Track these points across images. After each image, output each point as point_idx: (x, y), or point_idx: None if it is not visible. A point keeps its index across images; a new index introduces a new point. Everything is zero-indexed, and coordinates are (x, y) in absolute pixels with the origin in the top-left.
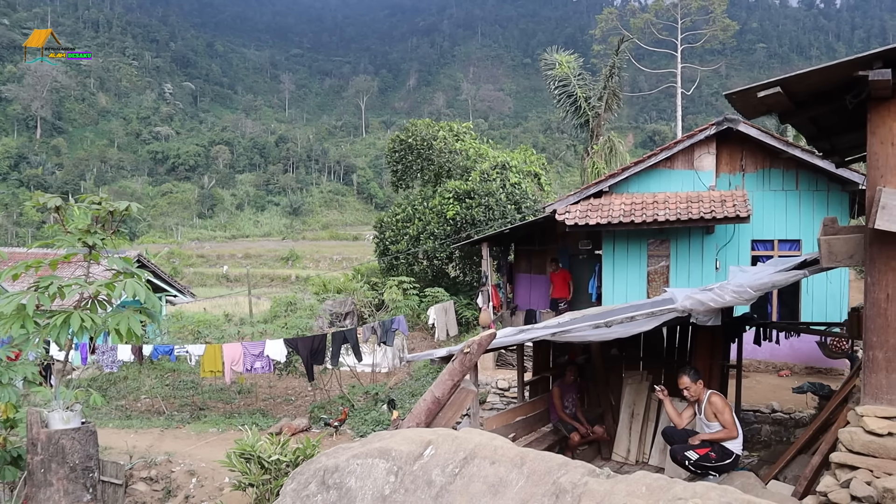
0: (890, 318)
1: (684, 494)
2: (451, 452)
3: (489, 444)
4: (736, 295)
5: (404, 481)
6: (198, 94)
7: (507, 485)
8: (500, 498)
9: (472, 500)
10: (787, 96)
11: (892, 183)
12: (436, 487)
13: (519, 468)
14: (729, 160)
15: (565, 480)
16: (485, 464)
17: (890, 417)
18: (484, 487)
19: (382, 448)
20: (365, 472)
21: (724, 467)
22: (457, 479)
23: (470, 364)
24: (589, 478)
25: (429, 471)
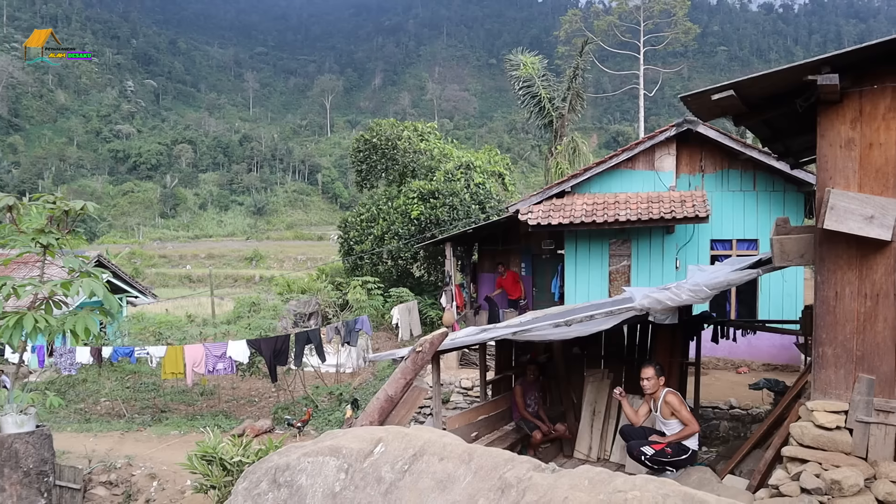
0: (838, 315)
1: (624, 487)
2: (400, 449)
3: (438, 441)
4: (692, 294)
5: (354, 478)
6: (160, 92)
7: (455, 480)
8: (448, 493)
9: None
10: (740, 99)
11: (840, 184)
12: (385, 484)
13: (467, 464)
14: (689, 161)
15: (511, 475)
16: (433, 460)
17: (838, 412)
18: (432, 483)
19: (333, 446)
20: (316, 469)
21: (680, 462)
22: (406, 476)
23: (422, 363)
24: (534, 472)
25: (379, 468)
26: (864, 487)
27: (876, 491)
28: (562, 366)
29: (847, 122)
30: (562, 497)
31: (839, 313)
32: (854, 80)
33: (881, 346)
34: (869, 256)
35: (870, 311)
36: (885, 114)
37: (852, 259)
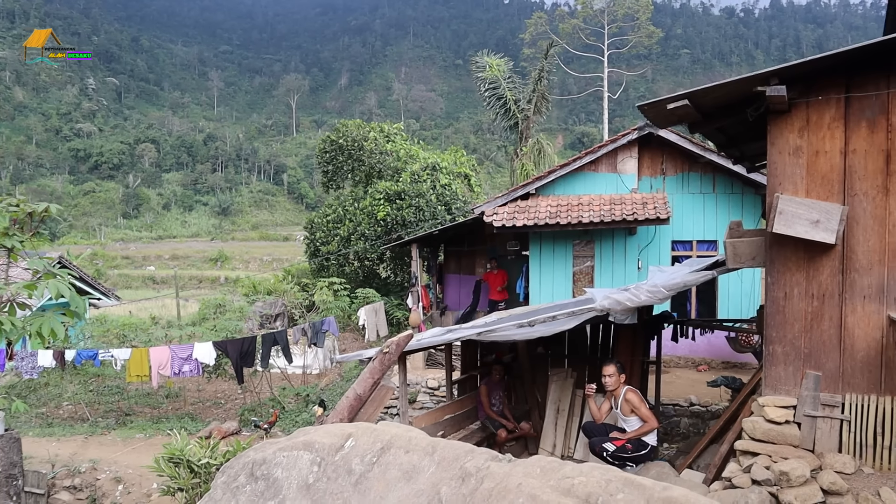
0: (788, 315)
1: (572, 474)
2: (369, 443)
3: (404, 436)
4: (650, 294)
5: (327, 470)
6: (122, 90)
7: (419, 471)
8: (413, 483)
9: (388, 486)
10: (694, 108)
11: (789, 190)
12: (355, 475)
13: (430, 456)
14: (650, 164)
15: (470, 465)
16: (400, 453)
17: (787, 407)
18: (399, 474)
19: (306, 441)
20: (290, 463)
21: (640, 458)
22: (374, 468)
23: (389, 363)
24: (491, 462)
25: (349, 460)
26: (811, 478)
27: (821, 481)
28: (527, 365)
29: (795, 130)
30: (516, 483)
31: (788, 313)
32: (801, 92)
33: (827, 344)
34: (816, 259)
35: (816, 311)
36: (830, 123)
37: (800, 261)
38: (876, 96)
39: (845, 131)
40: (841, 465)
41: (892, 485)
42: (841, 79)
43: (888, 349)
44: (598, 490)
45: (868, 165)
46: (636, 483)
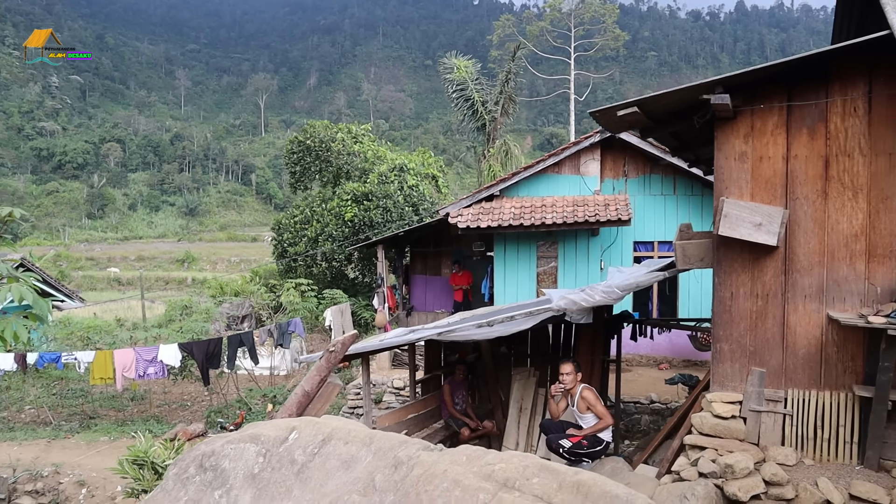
0: (734, 314)
1: (493, 460)
2: (311, 435)
3: (344, 428)
4: (605, 295)
5: (271, 461)
6: (86, 89)
7: (357, 460)
8: (351, 471)
9: (327, 474)
10: (644, 115)
11: (735, 194)
12: (298, 465)
13: (368, 446)
14: (613, 166)
15: (403, 454)
16: (340, 444)
17: (734, 402)
18: (338, 463)
19: (253, 434)
20: (237, 454)
21: (596, 454)
22: (316, 458)
23: (335, 361)
24: (422, 451)
25: (292, 451)
26: (754, 470)
27: (763, 473)
28: (490, 365)
29: (741, 136)
30: (442, 470)
31: (734, 312)
32: (745, 100)
33: (771, 342)
34: (760, 260)
35: (761, 310)
36: (773, 130)
37: (746, 262)
38: (815, 105)
39: (787, 138)
40: (783, 458)
41: (830, 475)
42: (783, 87)
43: (827, 346)
44: (516, 475)
45: (808, 171)
46: (551, 468)
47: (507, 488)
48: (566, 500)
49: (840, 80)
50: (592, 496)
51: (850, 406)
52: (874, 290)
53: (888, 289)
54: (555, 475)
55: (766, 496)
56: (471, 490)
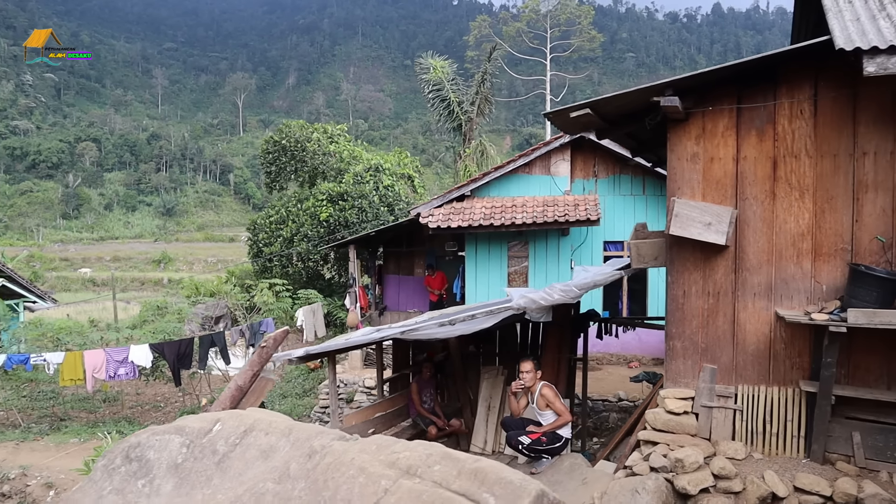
0: (686, 312)
1: (399, 449)
2: (234, 427)
3: (266, 419)
4: (563, 293)
5: (194, 451)
6: (61, 87)
7: (276, 450)
8: (269, 460)
9: (247, 464)
10: (598, 117)
11: (687, 194)
12: (219, 455)
13: (287, 437)
14: (583, 166)
15: (317, 443)
16: (260, 435)
17: (686, 398)
18: (258, 453)
19: (178, 426)
20: (162, 445)
21: (554, 450)
22: (237, 448)
23: (267, 356)
24: (335, 441)
25: (215, 442)
26: (704, 464)
27: (712, 467)
28: (459, 363)
29: (692, 138)
30: (350, 458)
31: (686, 310)
32: (696, 102)
33: (721, 339)
34: (711, 259)
35: (712, 308)
36: (723, 132)
37: (697, 261)
38: (764, 107)
39: (737, 139)
40: (733, 452)
41: (777, 468)
42: (733, 90)
43: (775, 343)
44: (419, 462)
45: (757, 171)
46: (452, 456)
47: (408, 475)
48: (464, 485)
49: (787, 83)
50: (489, 482)
51: (797, 401)
52: (820, 288)
53: (833, 286)
54: (455, 463)
55: (715, 489)
56: (374, 476)
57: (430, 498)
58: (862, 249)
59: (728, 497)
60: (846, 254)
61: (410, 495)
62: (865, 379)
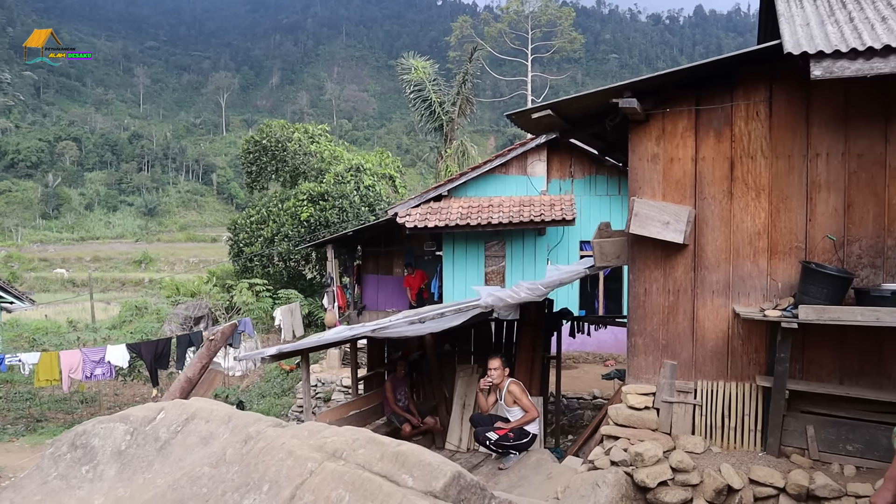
0: (647, 309)
1: (328, 434)
2: (176, 415)
3: (207, 408)
4: (529, 292)
5: (137, 438)
6: (41, 86)
7: (215, 436)
8: (208, 446)
9: (187, 450)
10: (561, 118)
11: (647, 194)
12: (161, 441)
13: (226, 424)
14: (559, 167)
15: (252, 430)
16: (201, 422)
17: (647, 394)
18: (198, 440)
19: (124, 414)
20: (107, 433)
21: (522, 446)
22: (178, 435)
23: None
24: (269, 427)
25: (157, 429)
26: (663, 458)
27: (671, 460)
28: (434, 362)
29: (653, 139)
30: (281, 443)
31: (648, 307)
32: (656, 104)
33: (681, 336)
34: (671, 257)
35: (672, 305)
36: (682, 133)
37: (658, 260)
38: (721, 109)
39: (696, 140)
40: (692, 446)
41: (734, 461)
42: (692, 92)
43: (733, 339)
44: (345, 446)
45: (715, 171)
46: (376, 440)
47: (334, 458)
48: (385, 467)
49: (744, 85)
50: (408, 464)
51: (754, 396)
52: (775, 285)
53: (788, 284)
54: (379, 446)
55: (673, 482)
56: (301, 459)
57: (350, 478)
58: (815, 248)
59: (686, 489)
60: (800, 252)
61: (333, 476)
62: (819, 374)
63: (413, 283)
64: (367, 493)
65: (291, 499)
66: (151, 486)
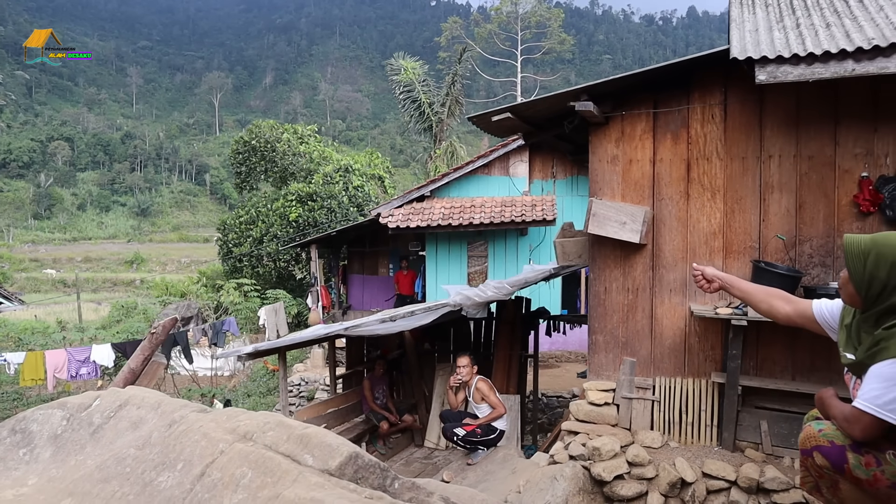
0: (607, 307)
1: (242, 418)
2: (110, 402)
3: (139, 395)
4: (496, 290)
5: (73, 423)
6: (33, 85)
7: (145, 421)
8: (137, 431)
9: (118, 434)
10: (523, 121)
11: (607, 195)
12: (94, 426)
13: (156, 410)
14: (542, 167)
15: (177, 415)
16: (133, 408)
17: (607, 390)
18: (128, 424)
19: (62, 402)
20: (45, 419)
21: (490, 441)
22: (111, 420)
23: (157, 342)
24: (192, 412)
25: (92, 415)
26: (620, 452)
27: (628, 454)
28: (414, 361)
29: (612, 141)
30: (199, 426)
31: (608, 305)
32: (614, 106)
33: (640, 333)
34: (630, 256)
35: (631, 303)
36: (641, 135)
37: (617, 259)
38: (678, 111)
39: (654, 142)
40: (650, 441)
41: (690, 456)
42: (650, 95)
43: (690, 337)
44: (255, 429)
45: (672, 173)
46: (285, 423)
47: (244, 439)
48: (290, 448)
49: (700, 88)
50: (311, 445)
51: (710, 392)
52: None
53: None
54: (287, 429)
55: (629, 476)
56: (214, 440)
57: (255, 457)
58: (768, 247)
59: (641, 483)
60: (754, 251)
61: (240, 455)
62: (772, 370)
63: (404, 280)
64: (268, 470)
65: (201, 476)
66: (82, 467)
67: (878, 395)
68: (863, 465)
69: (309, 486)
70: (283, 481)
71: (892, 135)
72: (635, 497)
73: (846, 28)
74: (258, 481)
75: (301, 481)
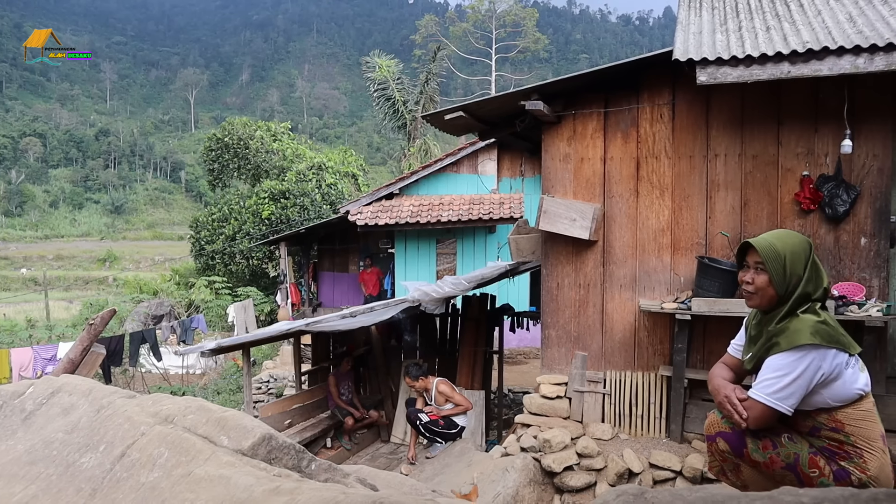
0: (560, 302)
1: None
2: (43, 389)
3: (72, 383)
4: (453, 286)
5: (5, 410)
6: (3, 80)
7: (76, 408)
8: (68, 416)
9: (48, 419)
10: (477, 120)
11: (560, 192)
12: (26, 413)
13: (87, 397)
14: (510, 165)
15: (105, 401)
16: (64, 395)
17: (560, 384)
18: (60, 411)
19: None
20: None
21: (450, 435)
22: (43, 407)
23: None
24: (119, 398)
25: (24, 402)
26: (570, 444)
27: (577, 446)
28: (381, 357)
29: (564, 139)
30: (123, 410)
31: (560, 301)
32: (566, 106)
33: (591, 328)
34: (581, 253)
35: (583, 299)
36: (592, 134)
37: (569, 255)
38: (628, 111)
39: (605, 141)
40: (601, 433)
41: (639, 447)
42: (601, 95)
43: (639, 331)
44: (176, 412)
45: (622, 171)
46: (205, 407)
47: (165, 422)
48: (208, 430)
49: (649, 88)
50: (227, 427)
51: (659, 385)
52: (678, 280)
53: (690, 278)
54: (206, 413)
55: (579, 467)
56: (136, 423)
57: (172, 439)
58: (714, 243)
59: (590, 474)
60: (701, 248)
61: (159, 437)
62: None
63: (369, 278)
64: (183, 450)
65: (122, 456)
66: (12, 451)
67: (768, 385)
68: (760, 448)
69: (220, 464)
70: (196, 460)
71: (832, 135)
72: (584, 487)
73: (785, 32)
74: (173, 460)
75: (213, 460)
